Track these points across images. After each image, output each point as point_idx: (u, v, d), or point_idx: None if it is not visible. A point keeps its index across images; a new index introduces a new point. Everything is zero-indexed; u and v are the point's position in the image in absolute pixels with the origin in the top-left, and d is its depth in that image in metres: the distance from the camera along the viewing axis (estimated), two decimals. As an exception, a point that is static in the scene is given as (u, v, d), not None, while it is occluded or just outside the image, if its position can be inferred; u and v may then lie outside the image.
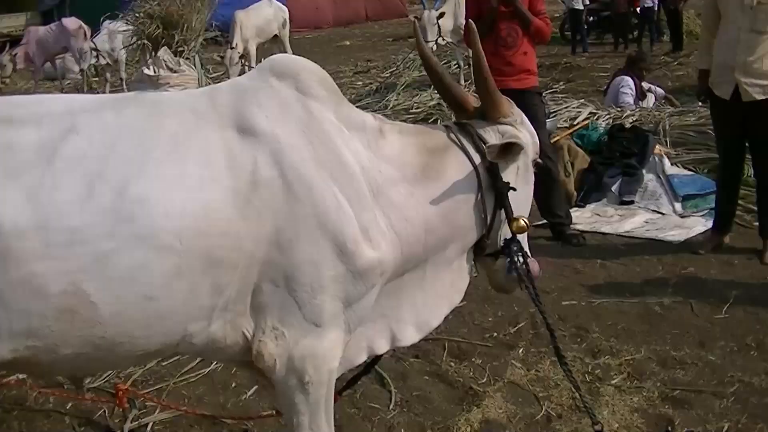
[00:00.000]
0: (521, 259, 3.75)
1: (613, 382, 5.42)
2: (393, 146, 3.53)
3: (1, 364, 3.00)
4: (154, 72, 15.31)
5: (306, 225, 3.17)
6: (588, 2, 24.09)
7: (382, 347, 3.73)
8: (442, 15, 15.76)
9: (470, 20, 4.34)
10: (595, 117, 11.30)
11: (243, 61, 18.18)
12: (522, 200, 3.76)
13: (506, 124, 3.73)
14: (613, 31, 24.89)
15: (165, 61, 15.56)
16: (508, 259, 3.74)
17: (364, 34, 34.33)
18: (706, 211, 8.77)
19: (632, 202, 9.23)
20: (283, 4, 20.89)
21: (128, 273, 2.92)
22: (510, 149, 3.60)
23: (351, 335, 3.46)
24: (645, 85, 13.09)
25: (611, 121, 11.04)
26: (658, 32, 23.36)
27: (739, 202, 8.08)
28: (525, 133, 3.77)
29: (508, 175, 3.67)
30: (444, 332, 6.10)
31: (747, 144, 7.49)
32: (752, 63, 7.05)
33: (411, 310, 3.72)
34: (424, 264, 3.65)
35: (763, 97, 7.07)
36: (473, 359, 5.79)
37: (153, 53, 16.41)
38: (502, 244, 3.74)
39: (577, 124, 10.86)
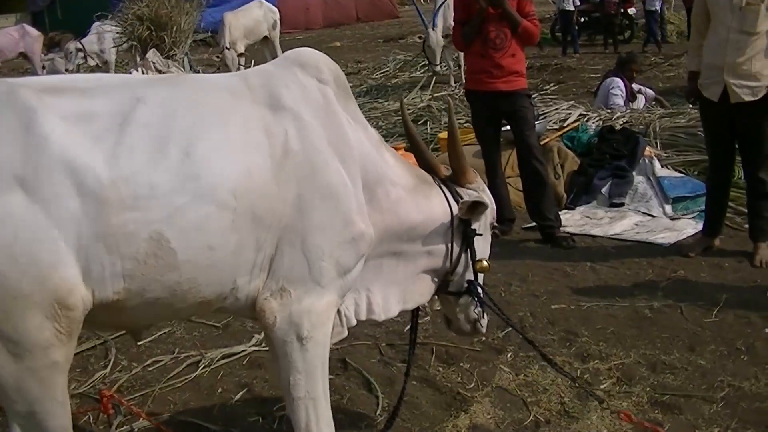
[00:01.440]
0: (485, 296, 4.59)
1: (602, 386, 5.38)
2: (392, 158, 4.10)
3: (101, 309, 3.28)
4: (143, 73, 15.25)
5: (321, 194, 3.63)
6: (579, 3, 24.06)
7: (362, 314, 4.25)
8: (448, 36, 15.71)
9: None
10: (585, 119, 11.27)
11: (241, 59, 18.16)
12: (482, 250, 4.46)
13: (472, 190, 4.41)
14: (603, 32, 24.88)
15: (154, 63, 15.53)
16: (474, 297, 4.54)
17: (355, 35, 34.33)
18: (696, 213, 8.75)
19: (622, 204, 9.20)
20: (273, 5, 20.89)
21: (196, 224, 3.32)
22: (476, 208, 4.27)
23: (341, 300, 3.93)
24: (635, 86, 13.07)
25: (601, 122, 11.02)
26: (663, 34, 23.28)
27: (730, 204, 8.05)
28: (485, 198, 4.40)
29: (475, 226, 4.38)
30: (432, 336, 6.09)
31: (737, 146, 7.46)
32: (741, 64, 7.02)
33: (383, 292, 4.27)
34: (398, 258, 4.23)
35: (752, 99, 7.04)
36: (461, 364, 5.75)
37: (142, 55, 16.39)
38: (465, 285, 4.49)
39: (567, 126, 10.82)
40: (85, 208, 3.11)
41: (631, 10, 25.23)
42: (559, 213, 8.63)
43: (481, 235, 4.39)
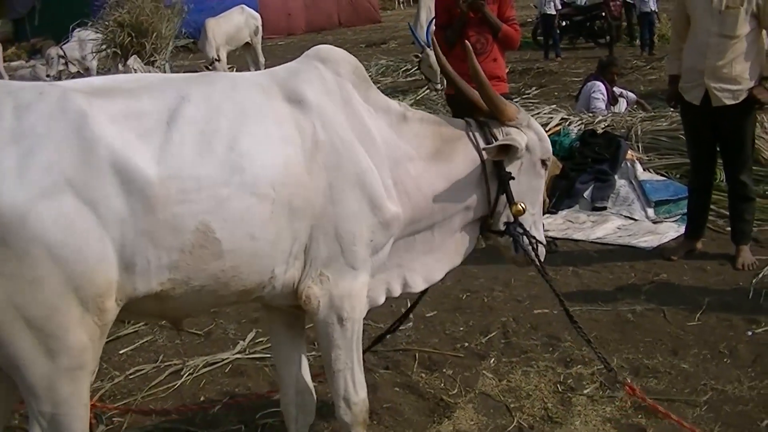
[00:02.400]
0: (525, 239, 4.43)
1: (585, 391, 5.38)
2: (412, 130, 4.16)
3: (146, 299, 3.45)
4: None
5: (350, 182, 3.80)
6: (560, 7, 24.09)
7: (397, 291, 4.35)
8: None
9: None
10: (567, 123, 11.27)
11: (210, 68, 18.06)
12: (524, 190, 4.37)
13: (513, 127, 4.33)
14: (609, 35, 24.77)
15: (135, 70, 15.50)
16: (512, 239, 4.41)
17: (337, 41, 34.19)
18: (678, 217, 8.76)
19: (604, 208, 9.21)
20: (255, 11, 20.87)
21: (240, 215, 3.50)
22: (507, 149, 4.22)
23: (372, 279, 4.07)
24: (617, 90, 13.08)
25: (583, 126, 11.01)
26: (650, 35, 23.29)
27: (712, 207, 8.07)
28: (530, 135, 4.37)
29: (510, 168, 4.29)
30: (415, 343, 6.09)
31: (718, 148, 7.48)
32: (722, 68, 7.04)
33: (421, 263, 4.36)
34: (432, 228, 4.30)
35: (733, 102, 7.06)
36: (444, 370, 5.74)
37: (123, 61, 16.34)
38: (503, 227, 4.40)
39: (549, 130, 10.82)
40: (132, 206, 3.28)
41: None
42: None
43: (513, 178, 4.28)
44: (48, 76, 18.80)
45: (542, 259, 4.61)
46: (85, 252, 3.19)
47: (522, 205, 4.28)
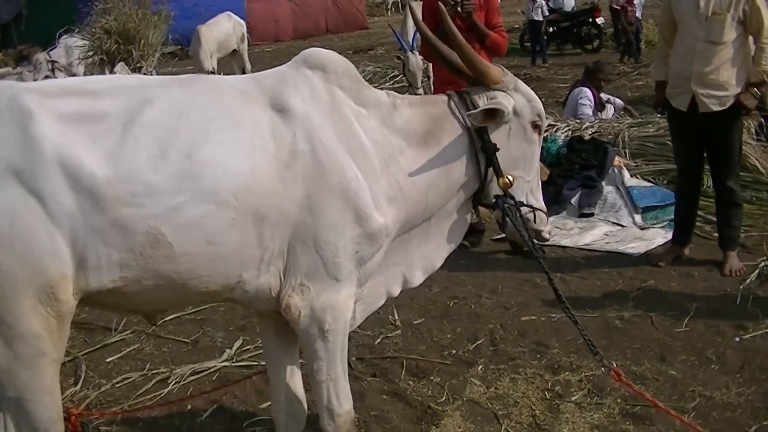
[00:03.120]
0: (515, 211, 4.24)
1: (573, 398, 5.38)
2: (403, 117, 4.09)
3: (102, 294, 3.52)
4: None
5: (332, 192, 3.75)
6: (547, 13, 24.13)
7: (396, 290, 4.34)
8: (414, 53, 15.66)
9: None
10: (554, 129, 11.25)
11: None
12: (517, 157, 4.24)
13: (499, 90, 4.22)
14: (620, 40, 24.78)
15: (122, 77, 15.43)
16: (502, 213, 4.24)
17: (324, 47, 33.47)
18: (665, 223, 8.78)
19: (592, 214, 9.22)
20: (241, 18, 20.85)
21: (195, 221, 3.51)
22: (494, 114, 4.08)
23: (361, 290, 4.04)
24: (604, 96, 13.08)
25: (570, 133, 10.99)
26: (637, 42, 23.34)
27: (699, 213, 8.07)
28: (518, 97, 4.24)
29: (499, 135, 4.17)
30: (402, 350, 6.08)
31: (705, 154, 7.48)
32: (708, 74, 7.05)
33: (419, 256, 4.32)
34: (429, 219, 4.24)
35: (720, 109, 7.07)
36: (432, 377, 5.72)
37: (110, 68, 16.30)
38: (493, 199, 4.26)
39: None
40: (81, 203, 3.35)
41: (599, 19, 25.34)
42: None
43: (497, 149, 4.13)
44: (35, 80, 18.74)
45: (545, 228, 4.48)
46: (32, 244, 3.31)
47: (510, 177, 4.14)
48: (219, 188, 3.54)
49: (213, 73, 17.60)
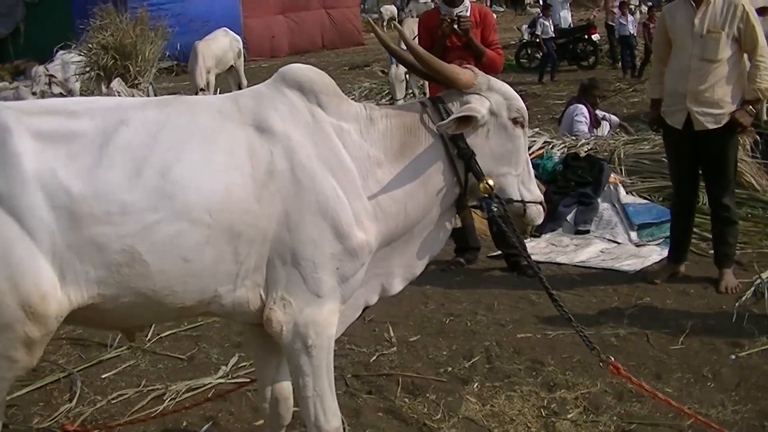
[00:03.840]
0: (501, 210, 4.19)
1: (569, 416, 5.37)
2: (379, 130, 4.07)
3: (80, 311, 3.56)
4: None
5: (310, 210, 3.78)
6: (552, 32, 24.18)
7: (374, 300, 4.33)
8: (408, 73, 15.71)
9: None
10: (550, 146, 11.27)
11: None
12: (501, 155, 4.18)
13: (473, 93, 4.15)
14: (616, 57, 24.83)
15: (118, 93, 15.45)
16: (489, 216, 4.24)
17: (320, 63, 34.19)
18: (661, 240, 8.79)
19: (588, 231, 9.23)
20: (237, 33, 20.88)
21: (169, 239, 3.56)
22: (467, 120, 4.03)
23: (344, 305, 4.03)
24: (599, 113, 13.12)
25: (566, 150, 11.00)
26: (632, 59, 23.40)
27: (694, 230, 8.08)
28: (494, 97, 4.17)
29: (478, 138, 4.12)
30: (398, 367, 6.06)
31: (701, 172, 7.50)
32: (703, 92, 7.08)
33: (399, 264, 4.28)
34: (412, 228, 4.19)
35: (715, 126, 7.09)
36: (427, 395, 5.70)
37: (107, 84, 16.31)
38: (478, 201, 4.26)
39: (532, 153, 10.83)
40: (59, 220, 3.41)
41: (595, 36, 25.41)
42: (525, 241, 8.62)
43: (473, 153, 4.08)
44: (33, 93, 18.75)
45: (540, 220, 4.39)
46: (9, 258, 3.37)
47: (490, 182, 4.08)
48: (193, 206, 3.59)
49: (204, 90, 17.60)
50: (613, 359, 4.77)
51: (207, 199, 3.61)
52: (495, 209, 4.17)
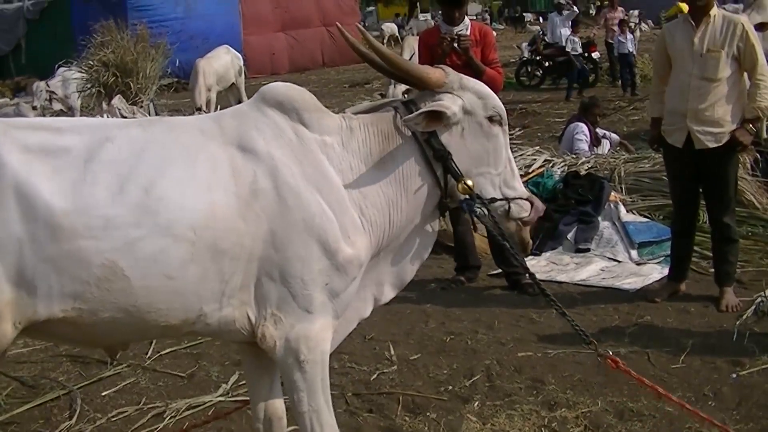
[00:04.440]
0: (484, 211, 4.15)
1: (569, 435, 5.36)
2: (359, 140, 4.06)
3: (53, 324, 3.58)
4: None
5: (296, 228, 3.78)
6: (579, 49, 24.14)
7: (368, 312, 4.31)
8: (407, 91, 15.71)
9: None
10: (551, 164, 11.29)
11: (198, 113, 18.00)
12: (479, 155, 4.13)
13: (444, 92, 4.10)
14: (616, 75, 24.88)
15: (119, 110, 15.46)
16: (470, 216, 4.25)
17: (321, 80, 34.40)
18: (661, 258, 8.78)
19: (588, 249, 9.22)
20: (237, 50, 20.93)
21: (152, 255, 3.57)
22: (437, 116, 3.99)
23: (338, 320, 4.03)
24: (599, 131, 13.14)
25: (566, 168, 11.02)
26: (631, 77, 23.43)
27: (695, 248, 8.08)
28: (466, 95, 4.13)
29: (453, 138, 4.08)
30: (398, 386, 6.06)
31: (701, 190, 7.50)
32: (704, 110, 7.09)
33: (388, 272, 4.28)
34: (398, 236, 4.18)
35: (715, 145, 7.10)
36: (428, 413, 5.69)
37: (107, 101, 16.33)
38: (459, 203, 4.20)
39: (533, 171, 10.86)
40: (35, 232, 3.43)
41: (595, 54, 25.44)
42: (525, 259, 8.61)
43: (449, 154, 4.04)
44: (34, 108, 18.77)
45: (528, 215, 4.28)
46: None
47: (468, 182, 4.03)
48: (177, 223, 3.60)
49: (202, 109, 17.62)
50: (611, 353, 4.76)
51: (191, 216, 3.63)
52: (477, 210, 4.15)
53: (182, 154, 3.74)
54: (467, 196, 4.10)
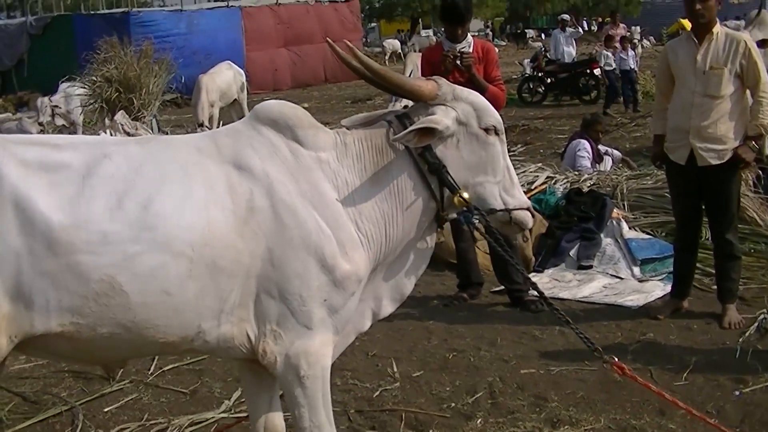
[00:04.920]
0: (483, 222, 4.19)
1: (573, 452, 5.35)
2: (354, 155, 4.07)
3: (50, 339, 3.60)
4: (111, 135, 15.14)
5: (293, 245, 3.80)
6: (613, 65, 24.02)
7: (366, 326, 4.33)
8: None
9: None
10: (553, 181, 11.29)
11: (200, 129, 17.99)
12: (476, 165, 4.15)
13: (437, 105, 4.12)
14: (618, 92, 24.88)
15: (122, 125, 15.47)
16: (470, 228, 4.42)
17: (323, 96, 34.46)
18: (664, 275, 8.77)
19: (590, 266, 9.20)
20: (240, 66, 20.97)
21: (151, 271, 3.58)
22: (430, 131, 3.99)
23: (339, 335, 4.05)
24: (601, 148, 13.13)
25: (569, 185, 11.01)
26: (633, 93, 23.43)
27: (697, 265, 8.06)
28: (460, 106, 4.15)
29: (448, 149, 4.10)
30: (401, 403, 6.05)
31: (704, 207, 7.51)
32: (706, 128, 7.09)
33: (386, 287, 4.28)
34: (396, 250, 4.19)
35: (718, 162, 7.10)
36: (431, 430, 5.68)
37: (110, 116, 16.36)
38: (456, 215, 4.26)
39: (535, 188, 10.86)
40: (32, 246, 3.46)
41: (597, 71, 25.48)
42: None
43: (443, 167, 4.05)
44: (40, 123, 18.80)
45: (530, 225, 4.38)
46: None
47: (464, 195, 4.05)
48: (175, 239, 3.62)
49: (203, 125, 17.65)
50: (617, 359, 4.79)
51: (189, 232, 3.65)
52: (476, 221, 4.18)
53: (179, 171, 3.77)
54: (464, 208, 4.11)
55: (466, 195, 4.07)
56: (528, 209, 4.29)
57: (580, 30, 27.93)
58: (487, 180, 4.18)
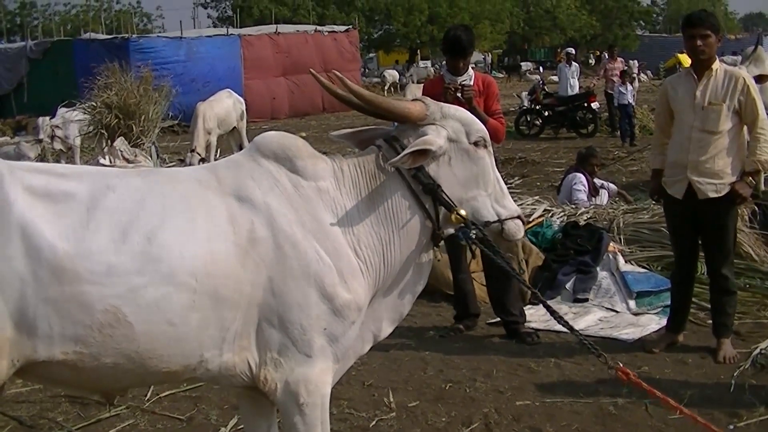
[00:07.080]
0: (481, 235, 4.23)
1: (567, 485, 5.37)
2: (349, 182, 4.15)
3: (52, 366, 3.61)
4: (110, 162, 15.16)
5: (293, 275, 3.86)
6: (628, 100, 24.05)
7: (366, 348, 4.37)
8: None
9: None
10: (550, 214, 11.34)
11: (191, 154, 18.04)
12: (468, 180, 4.23)
13: (426, 125, 4.19)
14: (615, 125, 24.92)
15: (121, 152, 15.47)
16: (469, 243, 4.30)
17: (321, 126, 34.49)
18: (659, 309, 8.79)
19: (586, 299, 9.22)
20: (240, 94, 21.03)
21: (155, 302, 3.62)
22: (424, 152, 4.07)
23: (339, 363, 4.10)
24: (598, 181, 13.16)
25: (565, 218, 11.08)
26: (630, 127, 23.48)
27: (693, 299, 8.09)
28: (450, 124, 4.23)
29: (440, 168, 4.18)
30: (398, 432, 6.05)
31: (700, 242, 7.54)
32: (704, 162, 7.14)
33: (386, 309, 4.32)
34: (395, 274, 4.24)
35: (716, 195, 7.14)
36: (428, 460, 5.70)
37: (109, 143, 16.37)
38: (453, 232, 4.31)
39: (532, 221, 10.89)
40: (37, 272, 3.47)
41: (594, 104, 25.58)
42: (524, 308, 8.64)
43: (438, 186, 4.12)
44: (39, 140, 18.79)
45: (521, 235, 4.44)
46: None
47: (461, 212, 4.12)
48: (179, 270, 3.67)
49: (195, 150, 17.70)
50: (621, 365, 4.82)
51: (192, 263, 3.69)
52: (474, 235, 4.21)
53: (182, 203, 3.82)
54: (462, 224, 4.18)
55: (463, 212, 4.14)
56: (519, 217, 4.37)
57: (576, 65, 28.04)
58: (480, 193, 4.27)
